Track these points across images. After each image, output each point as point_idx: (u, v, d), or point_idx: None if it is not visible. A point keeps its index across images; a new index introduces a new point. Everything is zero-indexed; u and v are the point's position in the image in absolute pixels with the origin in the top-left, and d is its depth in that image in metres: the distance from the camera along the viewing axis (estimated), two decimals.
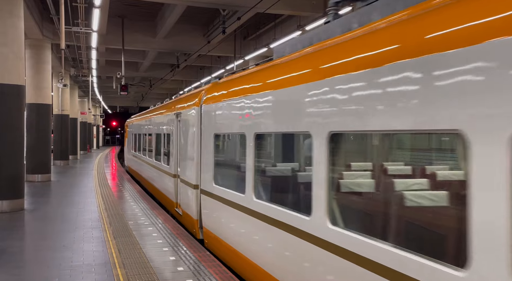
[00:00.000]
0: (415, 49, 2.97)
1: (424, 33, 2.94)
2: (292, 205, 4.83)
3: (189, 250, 7.51)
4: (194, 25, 22.03)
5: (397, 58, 3.12)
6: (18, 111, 11.56)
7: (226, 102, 7.00)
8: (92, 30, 15.78)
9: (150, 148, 16.33)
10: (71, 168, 25.39)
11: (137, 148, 20.99)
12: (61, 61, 19.74)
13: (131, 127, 24.38)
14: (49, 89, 19.51)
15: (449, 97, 2.68)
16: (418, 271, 2.86)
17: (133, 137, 23.17)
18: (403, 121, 3.04)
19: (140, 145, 19.74)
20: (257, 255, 5.64)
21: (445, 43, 2.73)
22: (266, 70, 5.84)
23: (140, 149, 19.50)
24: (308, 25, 15.01)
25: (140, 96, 52.42)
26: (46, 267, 6.62)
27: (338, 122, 3.74)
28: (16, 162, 11.53)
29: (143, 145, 18.67)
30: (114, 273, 6.26)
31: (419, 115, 2.90)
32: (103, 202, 12.80)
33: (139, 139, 20.19)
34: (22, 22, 11.80)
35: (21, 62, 11.71)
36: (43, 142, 18.47)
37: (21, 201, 11.69)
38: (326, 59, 4.10)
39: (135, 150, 21.95)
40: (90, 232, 8.93)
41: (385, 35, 3.37)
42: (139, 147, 20.20)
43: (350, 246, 3.55)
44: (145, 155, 17.54)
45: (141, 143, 19.17)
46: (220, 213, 7.24)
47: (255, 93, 5.81)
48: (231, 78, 7.56)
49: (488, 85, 2.43)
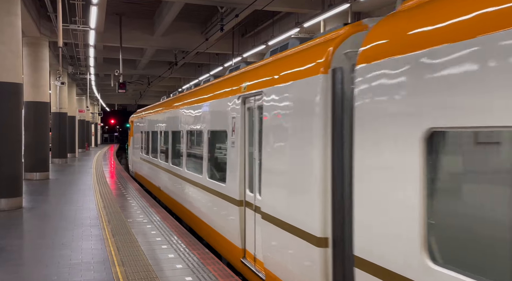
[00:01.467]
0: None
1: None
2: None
3: (188, 248, 7.51)
4: (192, 23, 21.99)
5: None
6: (16, 109, 11.53)
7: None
8: (89, 28, 15.74)
9: (178, 151, 11.54)
10: (70, 166, 25.36)
11: (152, 151, 15.93)
12: (58, 59, 19.69)
13: (141, 123, 19.22)
14: (47, 87, 19.47)
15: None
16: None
17: (144, 137, 18.09)
18: None
19: (157, 147, 14.59)
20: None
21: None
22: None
23: (158, 152, 14.50)
24: (306, 23, 14.98)
25: (138, 94, 52.34)
26: (45, 265, 6.62)
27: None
28: (14, 160, 11.52)
29: (164, 146, 13.54)
30: (113, 271, 6.27)
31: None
32: (102, 200, 12.80)
33: (156, 139, 15.12)
34: (19, 20, 11.77)
35: (19, 60, 11.69)
36: (41, 140, 18.44)
37: (19, 199, 11.68)
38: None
39: (148, 152, 16.83)
40: (88, 230, 8.92)
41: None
42: (156, 149, 15.05)
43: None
44: (168, 161, 12.57)
45: (160, 144, 14.08)
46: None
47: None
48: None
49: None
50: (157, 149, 14.78)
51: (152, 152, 15.78)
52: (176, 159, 11.78)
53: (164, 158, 13.46)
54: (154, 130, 15.45)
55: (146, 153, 17.25)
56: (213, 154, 8.47)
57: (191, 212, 9.79)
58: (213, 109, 8.24)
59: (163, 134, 13.77)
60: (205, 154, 8.71)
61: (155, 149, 15.19)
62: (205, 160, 8.69)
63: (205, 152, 8.68)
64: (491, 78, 2.51)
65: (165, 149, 13.27)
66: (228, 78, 7.95)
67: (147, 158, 17.01)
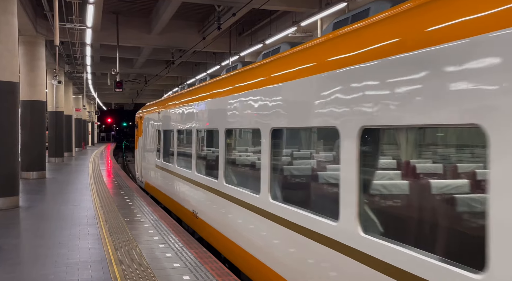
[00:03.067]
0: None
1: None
2: None
3: (186, 247, 7.51)
4: (189, 21, 21.97)
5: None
6: (12, 108, 11.51)
7: None
8: (86, 27, 15.70)
9: (241, 162, 7.19)
10: (66, 165, 25.31)
11: (178, 158, 11.23)
12: (55, 57, 19.66)
13: (157, 119, 14.19)
14: (44, 86, 19.43)
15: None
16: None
17: (161, 138, 13.34)
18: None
19: (193, 152, 9.70)
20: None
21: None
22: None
23: (194, 159, 9.64)
24: (303, 21, 15.00)
25: (135, 93, 52.28)
26: (42, 264, 6.61)
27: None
28: (11, 159, 11.49)
29: (204, 151, 9.13)
30: (111, 270, 6.26)
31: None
32: (99, 199, 12.78)
33: (185, 140, 10.58)
34: (15, 19, 11.73)
35: (15, 59, 11.66)
36: (37, 139, 18.40)
37: (16, 198, 11.66)
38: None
39: (170, 160, 12.12)
40: (86, 229, 8.91)
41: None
42: (185, 155, 10.51)
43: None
44: (220, 177, 7.63)
45: (198, 147, 9.47)
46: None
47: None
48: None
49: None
50: (190, 155, 9.95)
51: (181, 159, 10.88)
52: (239, 176, 7.14)
53: (205, 168, 8.85)
54: (182, 127, 10.69)
55: (167, 160, 12.47)
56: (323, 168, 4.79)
57: (275, 272, 5.45)
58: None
59: (204, 134, 9.19)
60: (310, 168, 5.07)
61: (185, 154, 10.48)
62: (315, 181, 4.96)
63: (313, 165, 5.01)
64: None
65: (212, 157, 8.50)
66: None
67: (165, 166, 12.45)
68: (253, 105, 6.26)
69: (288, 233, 5.09)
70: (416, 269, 3.18)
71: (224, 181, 7.43)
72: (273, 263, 5.50)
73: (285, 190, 5.50)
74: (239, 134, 7.39)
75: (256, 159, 6.35)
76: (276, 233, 5.39)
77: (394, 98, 3.44)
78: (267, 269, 5.65)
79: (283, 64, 5.65)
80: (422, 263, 3.13)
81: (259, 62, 6.84)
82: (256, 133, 6.38)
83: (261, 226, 5.84)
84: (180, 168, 10.84)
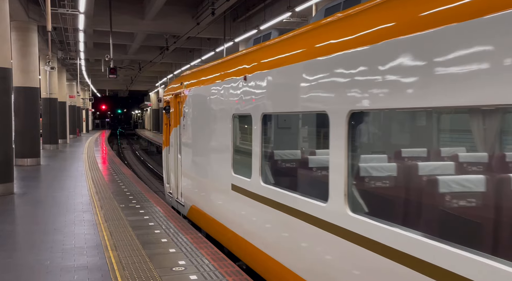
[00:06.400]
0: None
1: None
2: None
3: (181, 232, 7.55)
4: (182, 7, 21.75)
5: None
6: (5, 94, 11.43)
7: None
8: (79, 12, 15.52)
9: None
10: (61, 152, 25.23)
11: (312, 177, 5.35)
12: (48, 43, 19.42)
13: (233, 94, 6.67)
14: (37, 73, 19.25)
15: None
16: None
17: (259, 131, 5.76)
18: None
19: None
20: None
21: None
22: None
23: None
24: (298, 7, 14.87)
25: (130, 80, 51.93)
26: (38, 250, 6.63)
27: None
28: (5, 145, 11.45)
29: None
30: (106, 255, 6.30)
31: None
32: (94, 186, 12.78)
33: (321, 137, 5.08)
34: (6, 4, 11.58)
35: (7, 45, 11.53)
36: (31, 126, 18.30)
37: (10, 185, 11.64)
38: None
39: (292, 183, 5.40)
40: (81, 216, 8.93)
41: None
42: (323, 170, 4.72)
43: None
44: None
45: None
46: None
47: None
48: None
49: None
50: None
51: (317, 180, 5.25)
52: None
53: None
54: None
55: (276, 180, 5.68)
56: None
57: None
58: None
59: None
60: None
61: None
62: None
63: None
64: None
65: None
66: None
67: (289, 202, 5.11)
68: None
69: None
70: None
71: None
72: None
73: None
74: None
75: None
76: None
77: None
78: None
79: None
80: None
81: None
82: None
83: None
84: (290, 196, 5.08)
